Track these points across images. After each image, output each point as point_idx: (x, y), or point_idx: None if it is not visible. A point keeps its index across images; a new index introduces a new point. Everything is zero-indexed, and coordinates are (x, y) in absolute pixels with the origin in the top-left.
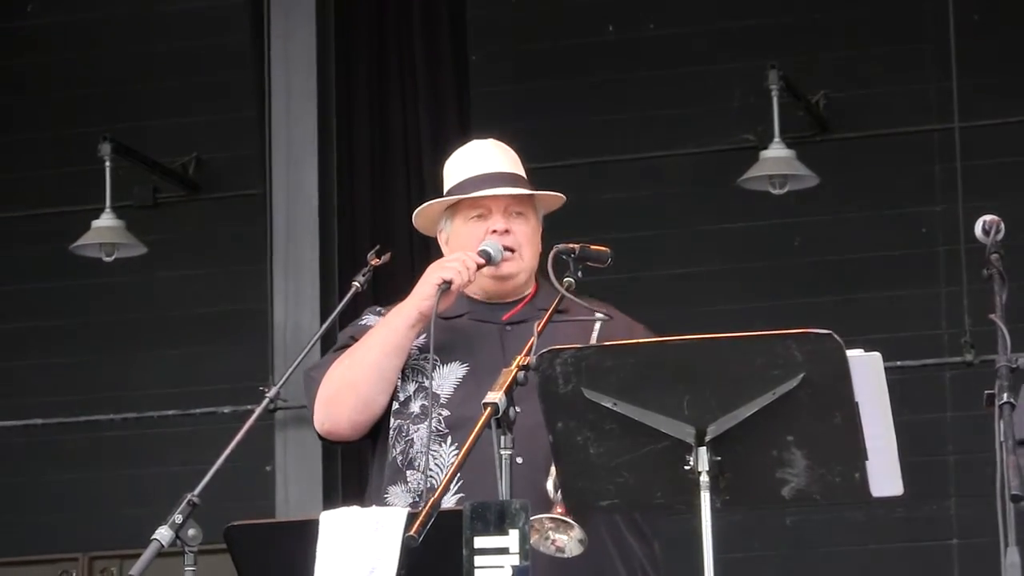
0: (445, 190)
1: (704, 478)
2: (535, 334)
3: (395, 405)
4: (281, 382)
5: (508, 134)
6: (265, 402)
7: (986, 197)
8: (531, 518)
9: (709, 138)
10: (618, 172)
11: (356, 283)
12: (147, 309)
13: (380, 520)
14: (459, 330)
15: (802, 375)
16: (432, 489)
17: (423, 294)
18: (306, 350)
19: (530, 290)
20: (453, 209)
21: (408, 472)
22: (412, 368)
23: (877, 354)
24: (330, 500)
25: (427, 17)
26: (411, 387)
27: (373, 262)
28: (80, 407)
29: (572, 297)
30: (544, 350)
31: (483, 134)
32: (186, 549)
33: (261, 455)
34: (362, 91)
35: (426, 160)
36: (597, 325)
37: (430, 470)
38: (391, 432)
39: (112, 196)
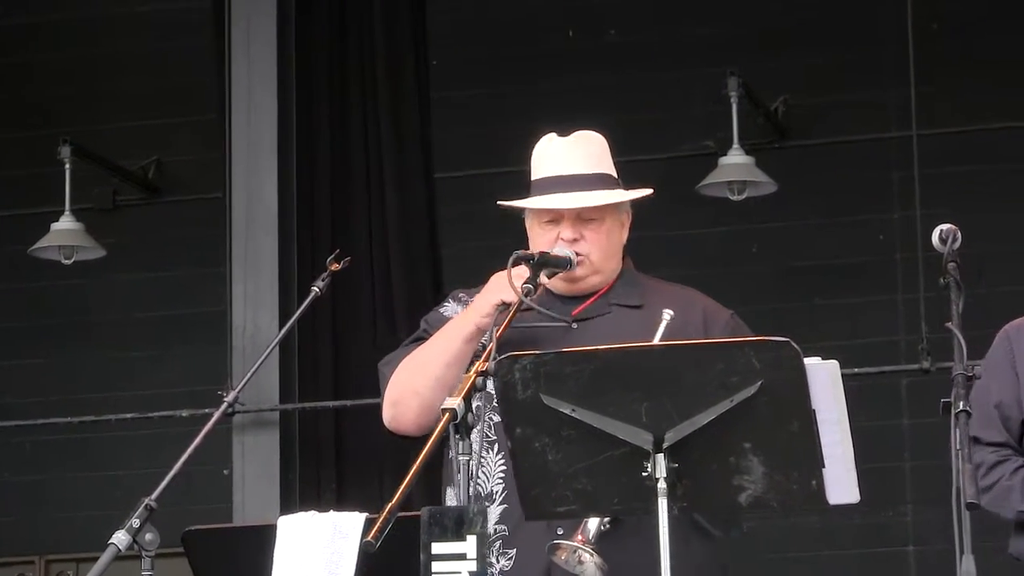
0: (532, 177)
1: (662, 485)
2: (493, 340)
3: None
4: (240, 386)
5: (467, 138)
6: (224, 406)
7: (943, 205)
8: (559, 542)
9: (668, 144)
10: None
11: (315, 288)
12: (106, 312)
13: (338, 525)
14: (525, 328)
15: (760, 382)
16: (479, 496)
17: (482, 311)
18: (265, 354)
19: (605, 285)
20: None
21: (458, 477)
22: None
23: (834, 362)
24: (288, 504)
25: (388, 22)
26: None
27: (332, 267)
28: (37, 410)
29: (533, 305)
30: (503, 356)
31: (444, 138)
32: (143, 553)
33: (219, 459)
34: (322, 95)
35: (386, 164)
36: (664, 322)
37: (477, 477)
38: (449, 432)
39: (71, 199)
